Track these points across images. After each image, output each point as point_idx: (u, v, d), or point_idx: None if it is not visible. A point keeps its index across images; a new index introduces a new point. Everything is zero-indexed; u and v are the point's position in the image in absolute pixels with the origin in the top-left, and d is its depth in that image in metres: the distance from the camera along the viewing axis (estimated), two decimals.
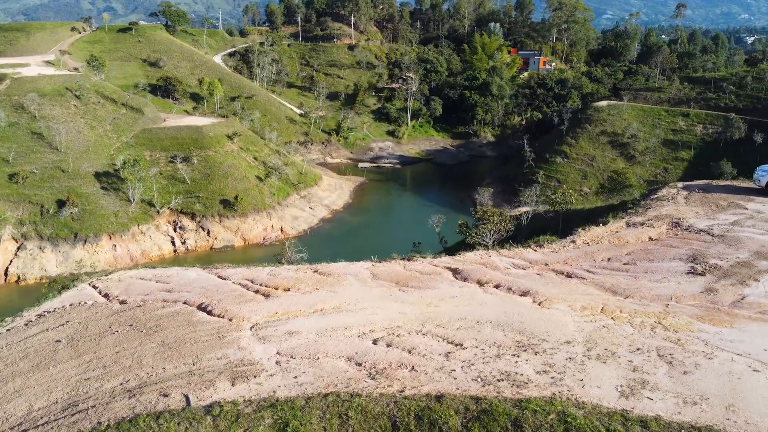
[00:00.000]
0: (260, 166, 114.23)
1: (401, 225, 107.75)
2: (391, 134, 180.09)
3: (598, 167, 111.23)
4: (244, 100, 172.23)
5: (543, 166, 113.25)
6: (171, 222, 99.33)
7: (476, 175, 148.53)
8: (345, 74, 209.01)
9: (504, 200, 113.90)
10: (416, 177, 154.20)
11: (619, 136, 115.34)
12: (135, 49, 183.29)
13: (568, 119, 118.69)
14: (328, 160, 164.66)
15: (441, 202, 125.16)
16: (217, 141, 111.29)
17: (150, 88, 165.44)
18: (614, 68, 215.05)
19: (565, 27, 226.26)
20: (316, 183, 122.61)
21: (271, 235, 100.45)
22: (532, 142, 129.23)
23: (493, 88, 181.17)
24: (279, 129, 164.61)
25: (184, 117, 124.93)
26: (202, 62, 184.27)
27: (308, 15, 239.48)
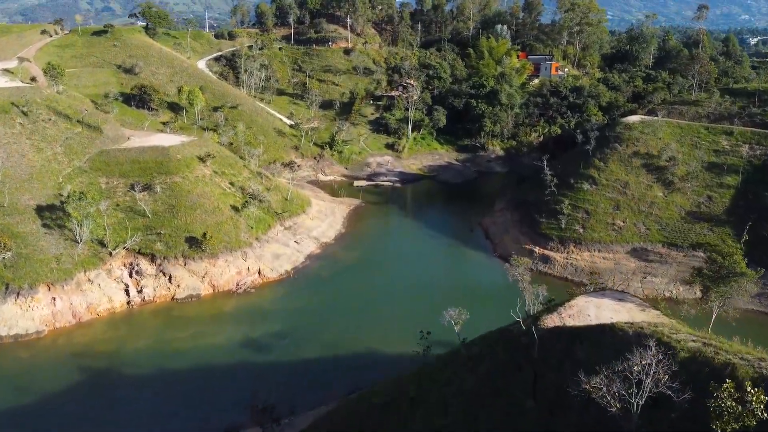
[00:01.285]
0: (237, 192, 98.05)
1: (402, 268, 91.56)
2: (390, 147, 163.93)
3: (632, 195, 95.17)
4: (227, 111, 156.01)
5: (568, 193, 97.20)
6: (126, 265, 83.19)
7: (486, 197, 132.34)
8: (340, 81, 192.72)
9: (523, 233, 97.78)
10: (418, 198, 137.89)
11: (654, 159, 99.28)
12: (109, 54, 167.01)
13: (595, 138, 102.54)
14: (321, 177, 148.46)
15: (447, 231, 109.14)
16: (186, 164, 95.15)
17: (123, 97, 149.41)
18: (632, 74, 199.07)
19: (578, 30, 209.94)
20: (303, 210, 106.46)
21: (246, 280, 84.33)
22: (551, 160, 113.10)
23: (501, 97, 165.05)
24: (266, 143, 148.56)
25: (152, 135, 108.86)
26: (183, 68, 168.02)
27: (302, 16, 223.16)
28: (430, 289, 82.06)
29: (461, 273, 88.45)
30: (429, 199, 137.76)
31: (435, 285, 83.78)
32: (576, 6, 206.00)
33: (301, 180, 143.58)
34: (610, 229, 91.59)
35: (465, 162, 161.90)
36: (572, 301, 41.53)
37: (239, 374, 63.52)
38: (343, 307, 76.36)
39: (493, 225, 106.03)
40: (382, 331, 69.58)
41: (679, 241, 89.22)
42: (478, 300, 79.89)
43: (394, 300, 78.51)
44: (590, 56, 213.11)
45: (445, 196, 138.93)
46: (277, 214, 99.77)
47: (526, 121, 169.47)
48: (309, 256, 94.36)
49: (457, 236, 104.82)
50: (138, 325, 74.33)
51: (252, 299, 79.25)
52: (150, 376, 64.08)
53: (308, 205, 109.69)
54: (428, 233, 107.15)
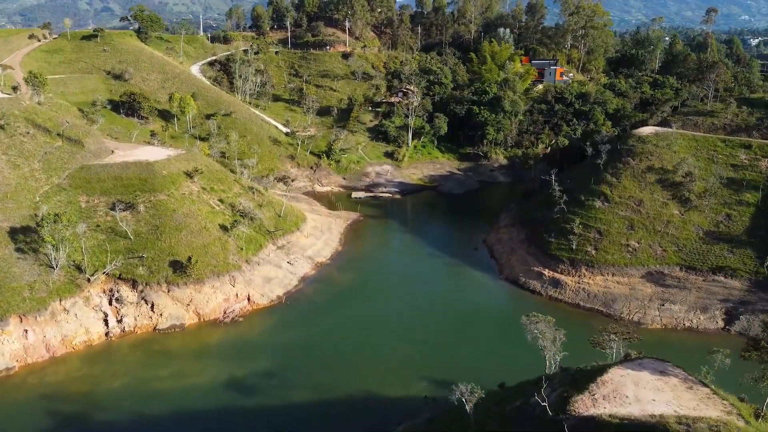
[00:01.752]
0: (227, 210, 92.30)
1: (402, 293, 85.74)
2: (389, 156, 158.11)
3: (646, 214, 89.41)
4: (221, 119, 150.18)
5: (578, 211, 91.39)
6: (106, 291, 77.46)
7: (489, 210, 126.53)
8: (338, 86, 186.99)
9: (531, 254, 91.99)
10: (419, 211, 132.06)
11: (669, 174, 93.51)
12: (99, 60, 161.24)
13: (606, 151, 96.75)
14: (317, 188, 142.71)
15: (449, 248, 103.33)
16: (172, 181, 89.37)
17: (111, 105, 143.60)
18: (638, 79, 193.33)
19: (583, 33, 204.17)
20: (298, 227, 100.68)
21: (234, 308, 78.57)
22: (559, 173, 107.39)
23: (505, 104, 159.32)
24: (260, 152, 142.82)
25: (138, 148, 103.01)
26: (175, 74, 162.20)
27: (299, 19, 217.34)
28: (434, 318, 76.39)
29: (467, 299, 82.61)
30: (430, 212, 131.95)
31: (438, 313, 78.11)
32: (581, 9, 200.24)
33: (297, 191, 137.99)
34: (624, 250, 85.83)
35: (467, 171, 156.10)
36: (606, 376, 35.54)
37: (223, 420, 57.75)
38: (337, 341, 70.59)
39: (499, 243, 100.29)
40: (380, 371, 63.84)
41: (698, 264, 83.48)
42: (486, 332, 74.29)
43: (393, 333, 72.78)
44: (595, 60, 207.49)
45: (446, 208, 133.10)
46: (269, 233, 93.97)
47: (530, 128, 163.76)
48: (303, 279, 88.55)
49: (460, 255, 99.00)
50: (116, 360, 68.55)
51: (239, 330, 73.49)
52: (126, 421, 58.37)
53: (303, 221, 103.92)
54: (430, 251, 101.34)
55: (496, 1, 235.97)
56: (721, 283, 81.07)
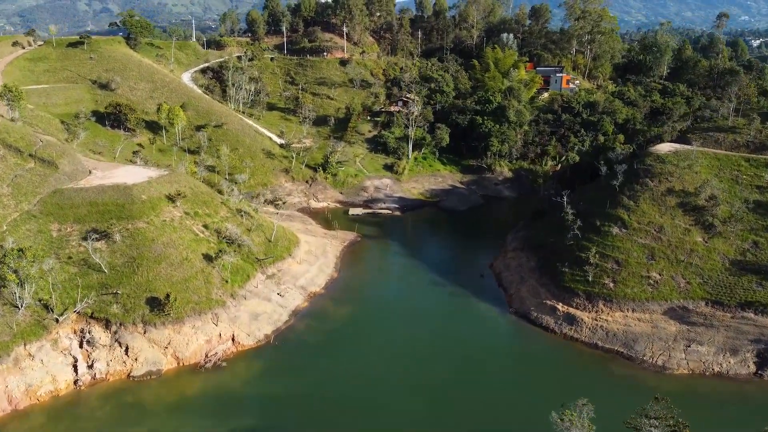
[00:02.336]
0: (212, 237, 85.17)
1: (402, 331, 78.61)
2: (389, 169, 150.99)
3: (668, 242, 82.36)
4: (211, 130, 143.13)
5: (594, 238, 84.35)
6: (77, 332, 70.37)
7: (495, 229, 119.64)
8: (336, 94, 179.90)
9: (543, 285, 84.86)
10: (420, 230, 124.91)
11: (691, 197, 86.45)
12: (85, 68, 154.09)
13: (623, 172, 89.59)
14: (313, 204, 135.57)
15: (453, 274, 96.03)
16: (152, 206, 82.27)
17: (96, 116, 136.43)
18: (646, 86, 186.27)
19: (589, 39, 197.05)
20: (289, 253, 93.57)
21: (218, 350, 71.42)
22: (571, 194, 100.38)
23: (510, 114, 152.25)
24: (253, 167, 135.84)
25: (118, 168, 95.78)
26: (165, 83, 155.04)
27: (295, 24, 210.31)
28: (438, 363, 69.27)
29: (474, 339, 75.38)
30: (432, 231, 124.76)
31: (443, 357, 71.01)
32: (587, 14, 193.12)
33: (292, 207, 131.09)
34: (644, 283, 78.70)
35: (470, 185, 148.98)
36: None
37: None
38: (330, 393, 63.42)
39: (507, 270, 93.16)
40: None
41: (725, 299, 76.39)
42: (497, 380, 67.16)
43: (393, 381, 65.59)
44: (602, 66, 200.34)
45: (449, 226, 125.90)
46: (258, 261, 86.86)
47: (536, 139, 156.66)
48: (294, 313, 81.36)
49: (465, 282, 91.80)
50: (83, 415, 61.43)
51: (222, 379, 66.31)
52: None
53: (295, 245, 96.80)
54: (432, 278, 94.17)
55: (499, 4, 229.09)
56: (752, 320, 74.01)
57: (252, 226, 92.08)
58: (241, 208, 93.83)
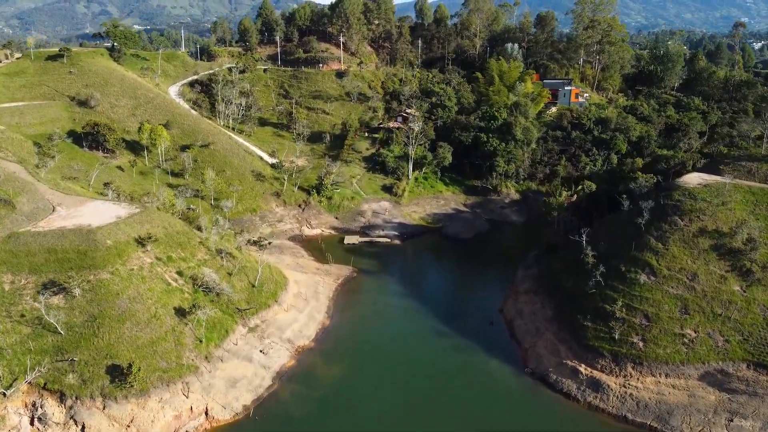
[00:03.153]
0: (187, 285, 75.51)
1: (403, 399, 68.76)
2: (387, 190, 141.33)
3: (702, 291, 72.84)
4: (197, 151, 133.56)
5: (619, 286, 74.83)
6: (28, 406, 60.69)
7: (503, 260, 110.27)
8: (332, 109, 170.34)
9: (562, 340, 75.09)
10: (421, 263, 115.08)
11: (726, 238, 76.89)
12: (63, 83, 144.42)
13: (649, 209, 79.93)
14: (306, 231, 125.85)
15: (459, 320, 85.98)
16: (119, 253, 72.59)
17: (73, 137, 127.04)
18: (659, 99, 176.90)
19: (598, 49, 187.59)
20: (275, 299, 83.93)
21: (189, 426, 61.70)
22: (588, 225, 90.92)
23: (516, 131, 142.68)
24: (241, 190, 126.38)
25: (86, 203, 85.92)
26: (148, 99, 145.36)
27: (289, 33, 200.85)
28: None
29: (484, 409, 65.50)
30: (434, 264, 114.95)
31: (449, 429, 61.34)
32: (596, 23, 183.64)
33: (282, 235, 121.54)
34: (678, 341, 69.02)
35: (474, 207, 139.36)
36: None
37: None
38: None
39: (520, 317, 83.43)
40: None
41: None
42: None
43: None
44: (611, 77, 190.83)
45: (453, 258, 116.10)
46: (239, 311, 77.19)
47: (545, 158, 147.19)
48: (279, 375, 71.56)
49: (473, 331, 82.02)
50: None
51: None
52: None
53: (283, 288, 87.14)
54: (435, 327, 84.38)
55: (503, 12, 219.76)
56: None
57: (234, 270, 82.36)
58: (222, 248, 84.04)
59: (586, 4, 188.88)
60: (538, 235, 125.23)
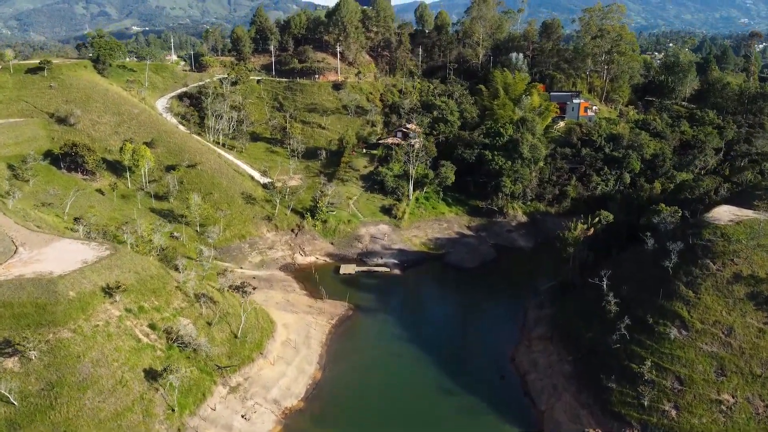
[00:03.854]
0: (160, 340, 67.20)
1: None
2: (386, 212, 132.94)
3: (739, 348, 64.73)
4: (183, 171, 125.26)
5: (646, 341, 66.64)
6: None
7: (513, 293, 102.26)
8: (328, 122, 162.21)
9: (584, 404, 66.64)
10: (423, 297, 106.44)
11: (763, 285, 68.66)
12: (43, 98, 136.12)
13: (678, 251, 71.71)
14: (298, 259, 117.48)
15: (466, 375, 77.16)
16: (82, 307, 64.28)
17: (51, 157, 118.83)
18: (672, 112, 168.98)
19: (607, 59, 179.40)
20: (261, 350, 75.67)
21: None
22: (606, 262, 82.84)
23: (523, 149, 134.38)
24: (230, 215, 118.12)
25: (52, 242, 77.44)
26: (133, 115, 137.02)
27: (284, 42, 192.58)
28: None
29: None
30: (437, 299, 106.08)
31: None
32: (605, 32, 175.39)
33: (273, 265, 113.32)
34: (715, 409, 60.74)
35: (479, 231, 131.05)
36: None
37: None
38: None
39: (534, 370, 75.04)
40: None
41: None
42: None
43: None
44: (620, 88, 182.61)
45: (458, 290, 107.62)
46: (219, 369, 68.84)
47: (553, 178, 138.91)
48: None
49: (482, 385, 73.54)
50: None
51: None
52: None
53: (270, 335, 78.93)
54: (440, 380, 75.95)
55: (506, 19, 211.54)
56: None
57: (214, 318, 74.02)
58: (202, 292, 75.65)
59: (593, 12, 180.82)
60: (548, 263, 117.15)
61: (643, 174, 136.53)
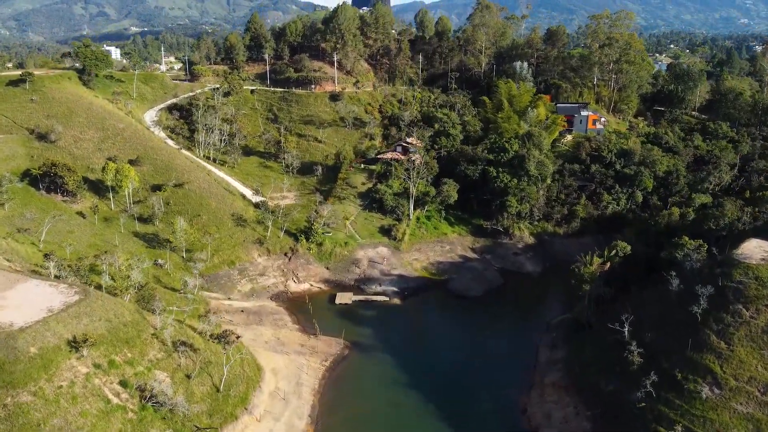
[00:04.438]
0: (132, 400, 60.07)
1: None
2: (385, 233, 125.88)
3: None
4: (170, 191, 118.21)
5: (675, 401, 59.71)
6: None
7: (521, 329, 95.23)
8: (324, 136, 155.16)
9: None
10: (426, 333, 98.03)
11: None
12: (23, 113, 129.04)
13: (707, 297, 64.80)
14: (291, 286, 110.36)
15: (474, 425, 70.52)
16: (45, 365, 57.23)
17: (30, 178, 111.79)
18: (684, 125, 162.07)
19: (615, 68, 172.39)
20: (246, 404, 68.61)
21: None
22: (623, 298, 75.85)
23: (529, 165, 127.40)
24: (219, 238, 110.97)
25: (18, 283, 70.24)
26: (118, 131, 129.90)
27: (279, 50, 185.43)
28: None
29: None
30: (441, 333, 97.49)
31: None
32: (613, 40, 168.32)
33: (264, 293, 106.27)
34: None
35: (484, 253, 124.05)
36: None
37: None
38: None
39: (548, 423, 67.87)
40: None
41: None
42: None
43: None
44: (628, 98, 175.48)
45: (462, 324, 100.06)
46: (198, 430, 61.68)
47: (561, 196, 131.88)
48: None
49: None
50: None
51: None
52: None
53: (256, 385, 71.90)
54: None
55: (509, 25, 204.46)
56: None
57: (194, 369, 66.93)
58: (180, 338, 68.52)
59: (601, 20, 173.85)
60: (557, 289, 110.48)
61: (656, 192, 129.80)
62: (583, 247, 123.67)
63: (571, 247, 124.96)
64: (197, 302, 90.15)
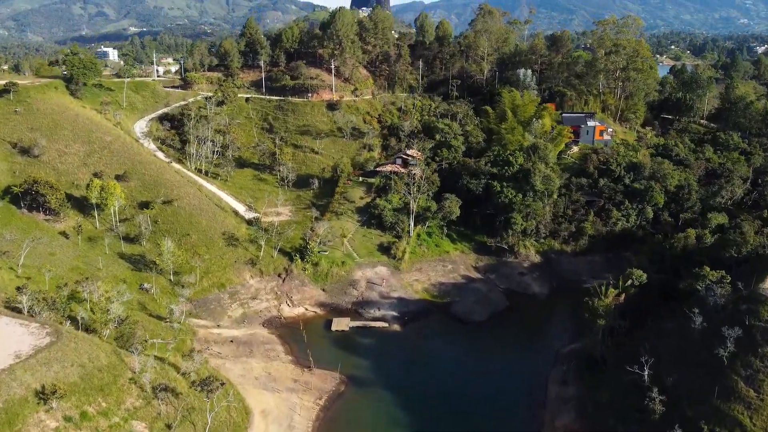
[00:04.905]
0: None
1: None
2: (385, 251, 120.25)
3: None
4: (158, 209, 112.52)
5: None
6: None
7: (528, 360, 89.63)
8: (321, 146, 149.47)
9: None
10: (427, 364, 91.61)
11: None
12: (7, 126, 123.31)
13: (734, 339, 59.31)
14: (285, 310, 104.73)
15: None
16: (10, 420, 51.95)
17: (11, 195, 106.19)
18: (694, 135, 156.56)
19: (622, 76, 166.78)
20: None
21: None
22: (639, 332, 70.33)
23: (535, 180, 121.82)
24: (209, 260, 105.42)
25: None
26: (105, 144, 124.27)
27: (275, 57, 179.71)
28: None
29: None
30: (443, 365, 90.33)
31: None
32: (620, 47, 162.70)
33: (256, 319, 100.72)
34: None
35: (488, 273, 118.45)
36: None
37: None
38: None
39: None
40: None
41: None
42: None
43: None
44: (635, 106, 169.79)
45: (466, 354, 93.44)
46: None
47: (568, 212, 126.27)
48: None
49: None
50: None
51: None
52: None
53: (243, 431, 66.08)
54: None
55: (512, 31, 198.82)
56: None
57: (176, 418, 61.30)
58: (161, 383, 62.88)
59: (607, 26, 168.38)
60: (566, 314, 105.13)
61: (667, 207, 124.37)
62: (591, 265, 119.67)
63: (579, 266, 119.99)
64: (184, 332, 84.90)
